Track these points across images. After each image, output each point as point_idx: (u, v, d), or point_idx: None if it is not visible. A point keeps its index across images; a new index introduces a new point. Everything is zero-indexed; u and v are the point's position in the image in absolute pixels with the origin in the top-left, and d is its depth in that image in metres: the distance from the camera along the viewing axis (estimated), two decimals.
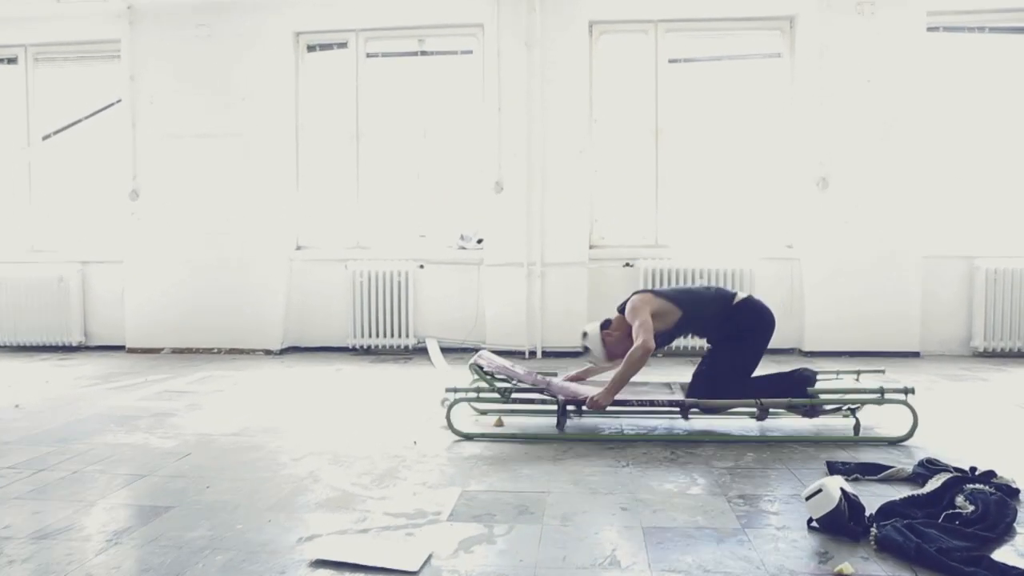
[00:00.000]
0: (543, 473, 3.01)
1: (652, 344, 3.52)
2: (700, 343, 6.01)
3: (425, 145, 6.60)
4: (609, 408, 3.59)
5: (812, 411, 3.52)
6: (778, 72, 6.27)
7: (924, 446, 3.33)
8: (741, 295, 3.74)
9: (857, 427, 3.46)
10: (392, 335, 6.43)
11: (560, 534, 2.38)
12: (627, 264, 6.20)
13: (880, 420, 3.70)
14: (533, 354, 6.17)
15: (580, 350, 3.88)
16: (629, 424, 3.78)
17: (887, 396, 3.42)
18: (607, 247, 6.35)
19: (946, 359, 5.80)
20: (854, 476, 2.81)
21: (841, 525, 2.24)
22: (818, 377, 3.73)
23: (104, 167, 6.86)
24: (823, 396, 3.53)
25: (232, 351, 6.51)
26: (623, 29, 6.35)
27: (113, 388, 4.97)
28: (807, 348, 5.98)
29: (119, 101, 6.65)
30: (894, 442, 3.39)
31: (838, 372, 4.05)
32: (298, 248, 6.68)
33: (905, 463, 3.01)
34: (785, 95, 6.24)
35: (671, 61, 6.33)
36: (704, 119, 6.36)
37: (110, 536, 2.40)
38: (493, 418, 3.84)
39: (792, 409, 3.55)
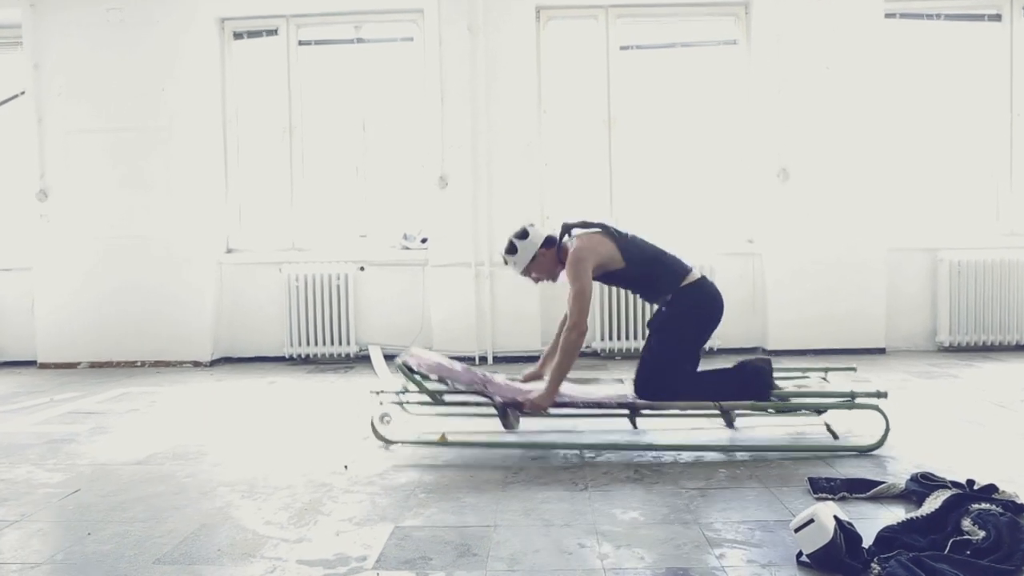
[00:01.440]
0: (490, 501, 2.63)
1: (586, 325, 3.19)
2: None
3: (364, 139, 6.16)
4: (554, 411, 3.24)
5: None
6: (734, 59, 6.00)
7: (905, 454, 3.04)
8: (695, 275, 3.34)
9: (832, 432, 3.16)
10: (332, 343, 5.97)
11: None
12: None
13: (853, 425, 3.40)
14: (484, 359, 5.78)
15: (506, 249, 3.41)
16: (589, 430, 3.42)
17: (858, 401, 3.12)
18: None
19: (913, 355, 5.59)
20: (840, 494, 2.49)
21: (838, 561, 1.90)
22: (785, 375, 3.46)
23: (8, 165, 6.25)
24: (789, 401, 3.24)
25: (157, 364, 5.96)
26: (572, 15, 6.01)
27: (9, 411, 4.41)
28: (771, 347, 5.71)
29: (23, 93, 6.04)
30: (864, 451, 3.09)
31: (805, 370, 3.77)
32: (228, 251, 6.17)
33: (892, 476, 2.71)
34: (742, 83, 5.97)
35: (623, 48, 6.02)
36: (658, 108, 6.06)
37: None
38: (438, 433, 3.44)
39: (756, 409, 3.25)
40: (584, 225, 3.47)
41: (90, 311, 5.96)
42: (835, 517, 1.93)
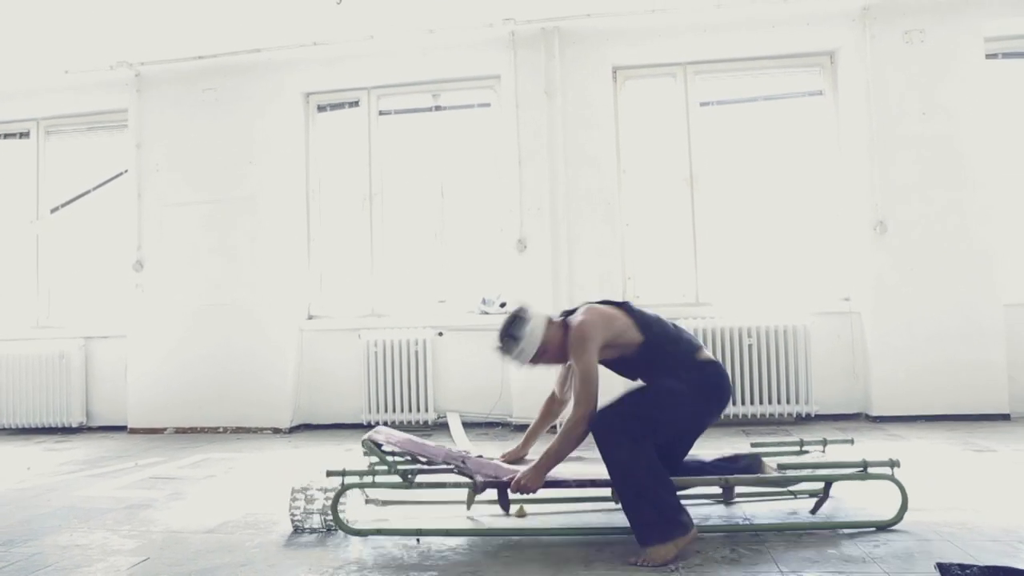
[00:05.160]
0: None
1: (595, 410, 2.72)
2: None
3: (443, 204, 6.19)
4: (542, 493, 2.88)
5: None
6: (821, 110, 5.77)
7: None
8: (707, 353, 2.98)
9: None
10: (410, 410, 5.87)
11: None
12: None
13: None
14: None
15: (502, 345, 2.94)
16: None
17: (871, 471, 2.88)
18: (643, 307, 5.74)
19: None
20: None
21: None
22: (781, 450, 3.41)
23: (110, 239, 6.59)
24: (792, 473, 2.97)
25: (239, 430, 6.01)
26: (650, 74, 5.95)
27: (95, 475, 4.47)
28: (875, 412, 5.26)
29: (126, 171, 6.40)
30: (882, 527, 2.80)
31: (802, 441, 3.42)
32: (309, 317, 6.24)
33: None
34: (830, 134, 5.72)
35: (703, 104, 5.89)
36: (742, 164, 5.85)
37: None
38: (516, 507, 3.24)
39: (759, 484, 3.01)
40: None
41: (177, 378, 6.10)
42: None
